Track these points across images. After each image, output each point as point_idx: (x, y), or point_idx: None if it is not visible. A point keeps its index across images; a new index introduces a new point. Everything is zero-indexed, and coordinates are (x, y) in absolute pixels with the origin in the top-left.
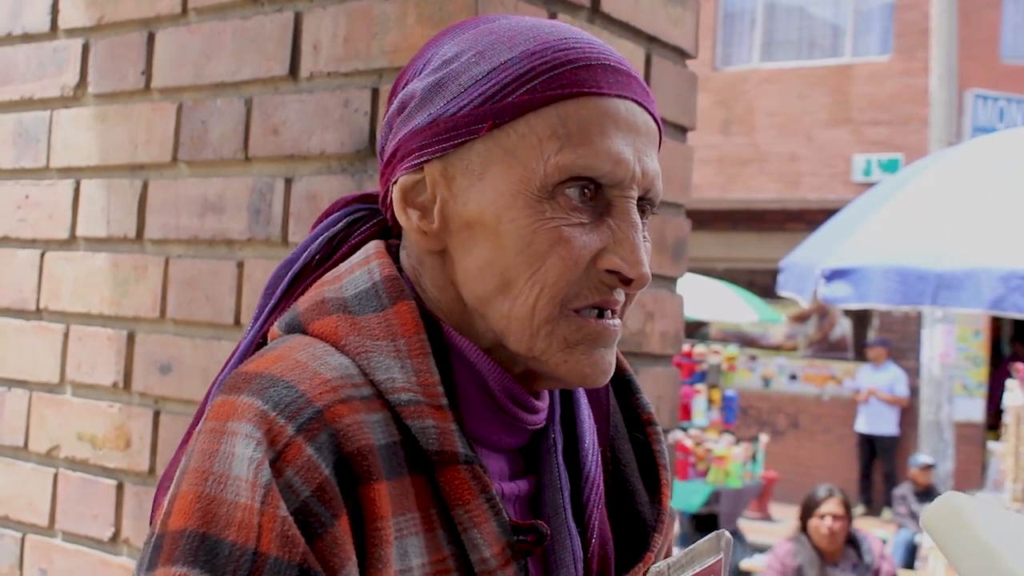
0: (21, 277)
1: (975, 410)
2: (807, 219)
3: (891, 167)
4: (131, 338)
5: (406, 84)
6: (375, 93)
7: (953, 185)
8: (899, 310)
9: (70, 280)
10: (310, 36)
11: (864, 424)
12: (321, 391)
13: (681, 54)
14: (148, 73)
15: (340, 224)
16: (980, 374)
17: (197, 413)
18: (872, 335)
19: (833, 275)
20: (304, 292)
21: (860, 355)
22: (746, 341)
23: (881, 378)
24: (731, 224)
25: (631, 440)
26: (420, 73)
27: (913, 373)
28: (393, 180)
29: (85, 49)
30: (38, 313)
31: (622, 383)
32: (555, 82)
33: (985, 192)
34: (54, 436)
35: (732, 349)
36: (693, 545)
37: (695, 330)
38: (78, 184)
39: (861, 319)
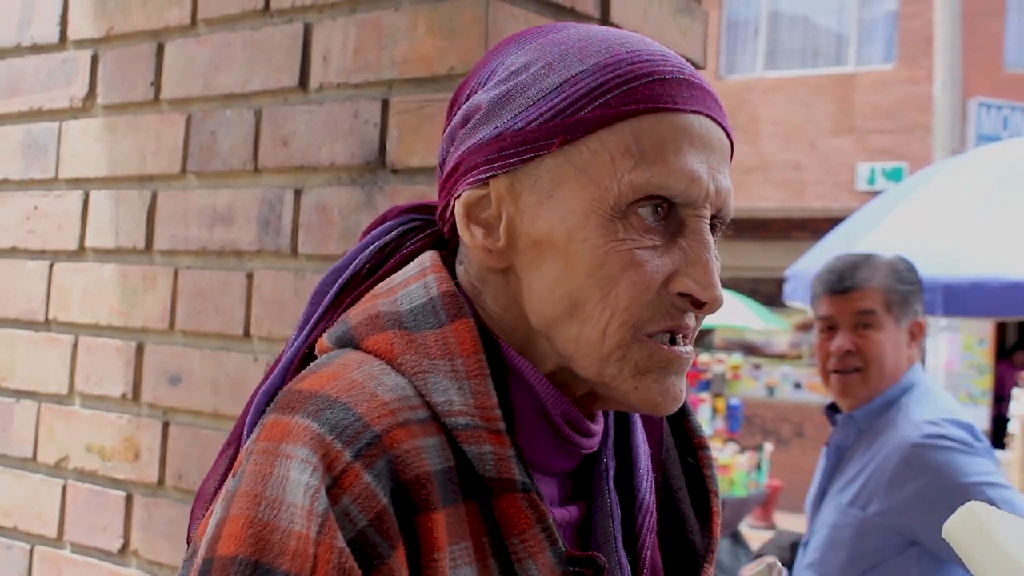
0: (30, 288)
1: (980, 418)
2: (811, 227)
3: (895, 175)
4: (140, 349)
5: (469, 95)
6: (385, 104)
7: (959, 194)
8: None
9: (79, 291)
10: (320, 47)
11: None
12: (379, 414)
13: (690, 64)
14: (157, 84)
15: (393, 234)
16: (985, 382)
17: (238, 423)
18: None
19: None
20: (352, 302)
21: None
22: (750, 350)
23: None
24: (735, 232)
25: (682, 464)
26: (485, 84)
27: None
28: (455, 195)
29: (94, 60)
30: (47, 324)
31: None
32: (629, 97)
33: (991, 201)
34: (63, 447)
35: (736, 358)
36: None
37: (699, 339)
38: (87, 195)
39: None
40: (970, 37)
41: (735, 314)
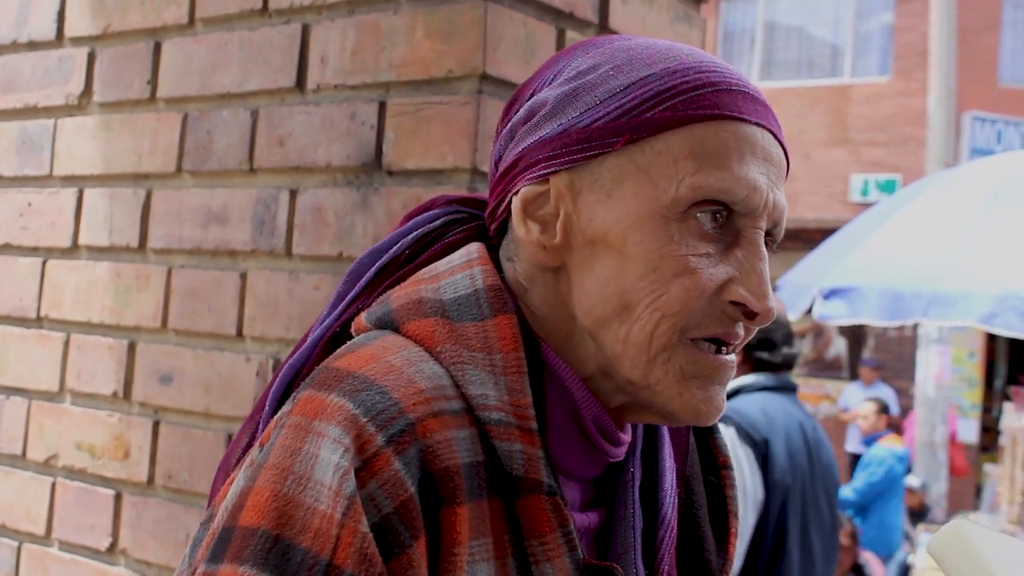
0: (22, 285)
1: (969, 431)
2: (804, 238)
3: (888, 187)
4: (132, 348)
5: (533, 93)
6: (382, 106)
7: (951, 207)
8: (894, 329)
9: (71, 289)
10: (317, 48)
11: (855, 443)
12: (415, 401)
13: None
14: (154, 83)
15: (437, 222)
16: (975, 395)
17: (263, 394)
18: (867, 355)
19: (831, 294)
20: (390, 285)
21: (855, 375)
22: None
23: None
24: None
25: (704, 482)
26: (551, 82)
27: (907, 394)
28: (514, 190)
29: (91, 58)
30: (39, 321)
31: None
32: (697, 102)
33: (982, 214)
34: (52, 445)
35: None
36: None
37: None
38: (81, 193)
39: (856, 339)
40: (965, 51)
41: None
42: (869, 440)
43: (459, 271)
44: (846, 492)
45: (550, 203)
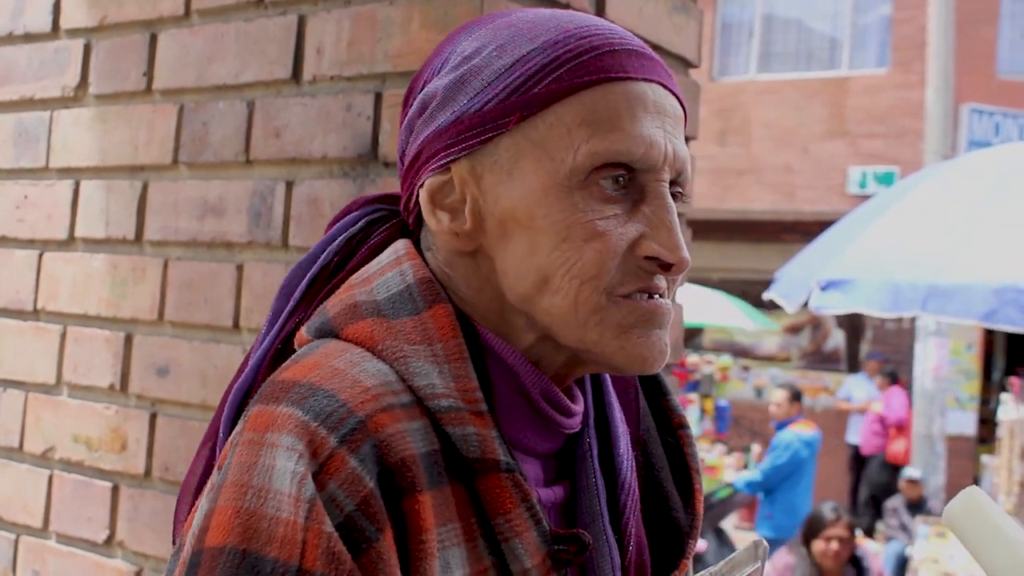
0: (19, 277)
1: (967, 424)
2: (802, 230)
3: (886, 180)
4: (129, 340)
5: (424, 85)
6: (378, 97)
7: (949, 199)
8: (892, 321)
9: (68, 281)
10: (313, 39)
11: (856, 436)
12: (363, 400)
13: (684, 63)
14: (150, 74)
15: (359, 224)
16: (972, 387)
17: (213, 421)
18: (865, 347)
19: (828, 286)
20: (325, 295)
21: (853, 367)
22: (739, 351)
23: (876, 391)
24: (726, 234)
25: (663, 444)
26: (439, 72)
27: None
28: (419, 183)
29: (87, 49)
30: (35, 314)
31: (652, 384)
32: (581, 69)
33: (980, 206)
34: (49, 437)
35: (725, 359)
36: (732, 555)
37: (689, 340)
38: (77, 185)
39: (855, 331)
40: (963, 43)
41: (725, 315)
42: (781, 425)
43: (389, 270)
44: (753, 474)
45: (455, 191)
